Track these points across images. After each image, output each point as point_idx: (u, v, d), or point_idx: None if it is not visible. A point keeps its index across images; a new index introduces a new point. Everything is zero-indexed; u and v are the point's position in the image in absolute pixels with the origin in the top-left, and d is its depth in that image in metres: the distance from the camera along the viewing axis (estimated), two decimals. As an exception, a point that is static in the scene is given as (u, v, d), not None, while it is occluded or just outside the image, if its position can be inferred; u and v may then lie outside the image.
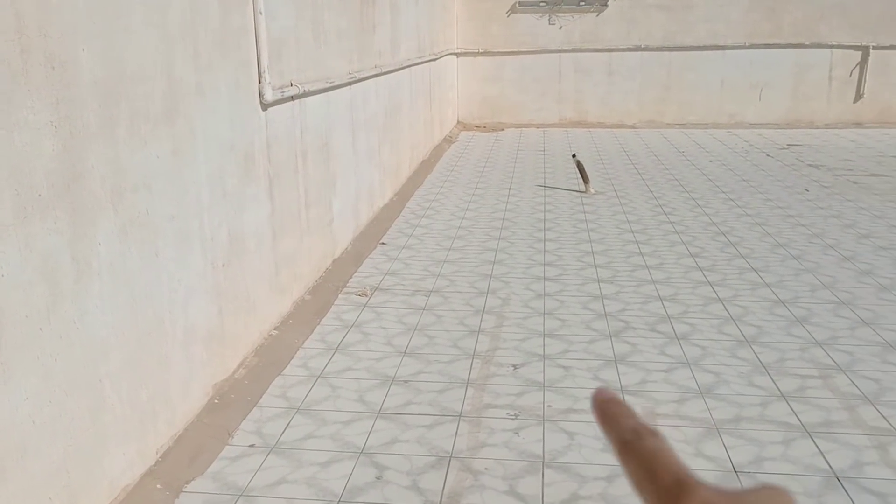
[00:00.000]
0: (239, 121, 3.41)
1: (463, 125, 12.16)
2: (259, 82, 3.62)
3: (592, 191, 7.39)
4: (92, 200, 2.31)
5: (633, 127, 11.90)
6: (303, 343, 3.85)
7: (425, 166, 8.61)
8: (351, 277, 4.88)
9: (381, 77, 6.37)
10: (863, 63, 11.39)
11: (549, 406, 3.22)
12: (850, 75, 11.48)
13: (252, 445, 2.90)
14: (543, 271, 5.02)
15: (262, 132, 3.69)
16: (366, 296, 4.54)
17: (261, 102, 3.65)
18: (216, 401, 3.15)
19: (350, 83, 5.32)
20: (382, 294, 4.60)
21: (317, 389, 3.37)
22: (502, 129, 11.91)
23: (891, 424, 3.05)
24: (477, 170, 8.63)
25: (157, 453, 2.70)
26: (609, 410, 0.41)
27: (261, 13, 3.58)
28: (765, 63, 11.58)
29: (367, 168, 5.94)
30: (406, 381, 3.45)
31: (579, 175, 7.51)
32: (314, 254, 4.56)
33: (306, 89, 4.27)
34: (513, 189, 7.59)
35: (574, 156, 7.65)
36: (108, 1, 2.39)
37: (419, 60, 8.28)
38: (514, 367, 3.60)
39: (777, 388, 3.37)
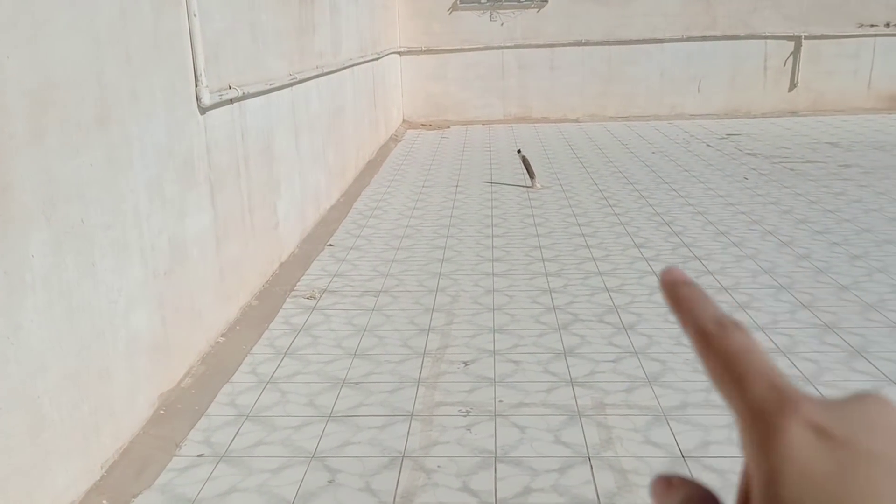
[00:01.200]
0: (176, 126, 3.35)
1: (409, 124, 12.14)
2: (196, 86, 3.56)
3: (539, 186, 7.45)
4: (22, 212, 2.24)
5: (576, 121, 12.04)
6: (251, 349, 3.80)
7: (372, 166, 8.58)
8: (299, 281, 4.83)
9: (323, 78, 6.33)
10: (796, 53, 11.70)
11: (500, 401, 3.24)
12: (784, 65, 11.79)
13: (201, 455, 2.86)
14: (492, 267, 5.05)
15: (202, 136, 3.63)
16: (314, 298, 4.51)
17: (199, 106, 3.59)
18: (162, 411, 3.09)
19: (291, 84, 5.27)
20: (331, 296, 4.57)
21: (266, 395, 3.33)
22: (448, 127, 11.93)
23: (830, 403, 3.14)
24: (424, 168, 8.63)
25: (101, 468, 2.64)
26: (682, 294, 0.35)
27: (195, 15, 3.52)
28: (702, 55, 11.81)
29: (313, 170, 5.89)
30: (357, 383, 3.43)
31: (525, 171, 7.56)
32: (260, 258, 4.51)
33: (245, 92, 4.21)
34: (460, 186, 7.61)
35: (519, 151, 7.70)
36: (32, 8, 2.33)
37: (361, 60, 8.24)
38: (465, 363, 3.61)
39: (721, 373, 3.44)
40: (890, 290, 4.38)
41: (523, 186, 7.50)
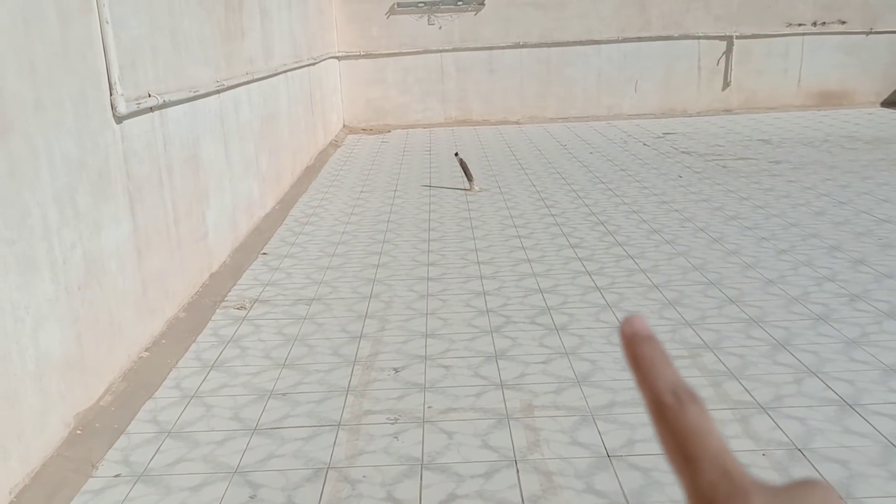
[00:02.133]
0: (89, 136, 3.24)
1: (349, 128, 12.06)
2: (111, 94, 3.46)
3: (477, 188, 7.45)
4: (-89, 230, 2.14)
5: (517, 123, 12.10)
6: (176, 363, 3.71)
7: (310, 172, 8.49)
8: (230, 291, 4.74)
9: (254, 84, 6.23)
10: (728, 52, 11.95)
11: (429, 407, 3.21)
12: (717, 64, 12.03)
13: (117, 475, 2.77)
14: (427, 272, 5.02)
15: (118, 146, 3.53)
16: (244, 309, 4.42)
17: (114, 115, 3.49)
18: (79, 431, 2.98)
19: (218, 91, 5.17)
20: (262, 306, 4.49)
21: (190, 410, 3.24)
22: (389, 131, 11.88)
23: (753, 398, 3.19)
24: (363, 173, 8.57)
25: (10, 493, 2.53)
26: (642, 354, 0.34)
27: (107, 22, 3.42)
28: (637, 56, 11.99)
29: (244, 178, 5.79)
30: (284, 394, 3.37)
31: (463, 173, 7.56)
32: (188, 269, 4.41)
33: (167, 100, 4.11)
34: (398, 191, 7.57)
35: (456, 154, 7.70)
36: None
37: (296, 65, 8.14)
38: (396, 370, 3.58)
39: (649, 370, 3.46)
40: (813, 283, 4.48)
41: (462, 189, 7.50)
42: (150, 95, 3.90)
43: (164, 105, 4.10)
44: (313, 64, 9.33)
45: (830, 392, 3.20)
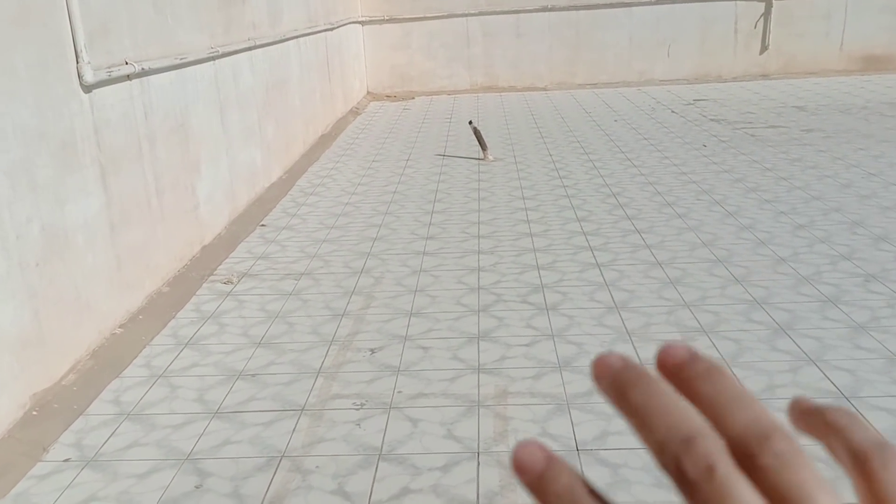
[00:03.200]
0: (50, 106, 3.13)
1: (373, 95, 11.88)
2: (77, 62, 3.34)
3: (491, 158, 7.24)
4: None
5: (544, 89, 11.78)
6: (151, 340, 3.62)
7: (325, 140, 8.35)
8: (220, 264, 4.64)
9: (258, 50, 6.08)
10: (766, 15, 11.43)
11: (399, 392, 3.07)
12: (755, 27, 11.53)
13: (67, 460, 2.69)
14: (424, 246, 4.86)
15: (87, 117, 3.42)
16: (231, 283, 4.32)
17: (81, 84, 3.37)
18: (35, 412, 2.91)
19: (213, 58, 5.03)
20: (250, 280, 4.38)
21: (155, 391, 3.15)
22: (412, 98, 11.66)
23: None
24: (378, 141, 8.40)
25: (-49, 478, 2.47)
26: (636, 400, 0.26)
27: (73, -13, 3.28)
28: (671, 19, 11.54)
29: (245, 148, 5.67)
30: (253, 375, 3.26)
31: (478, 143, 7.34)
32: (174, 242, 4.31)
33: (148, 67, 3.98)
34: (411, 160, 7.39)
35: (470, 122, 7.48)
36: None
37: (310, 31, 7.97)
38: (372, 351, 3.44)
39: (637, 356, 3.27)
40: (828, 262, 4.21)
41: (476, 159, 7.29)
42: (126, 63, 3.77)
43: (145, 73, 3.97)
44: (331, 29, 9.13)
45: (828, 383, 2.97)
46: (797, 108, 9.05)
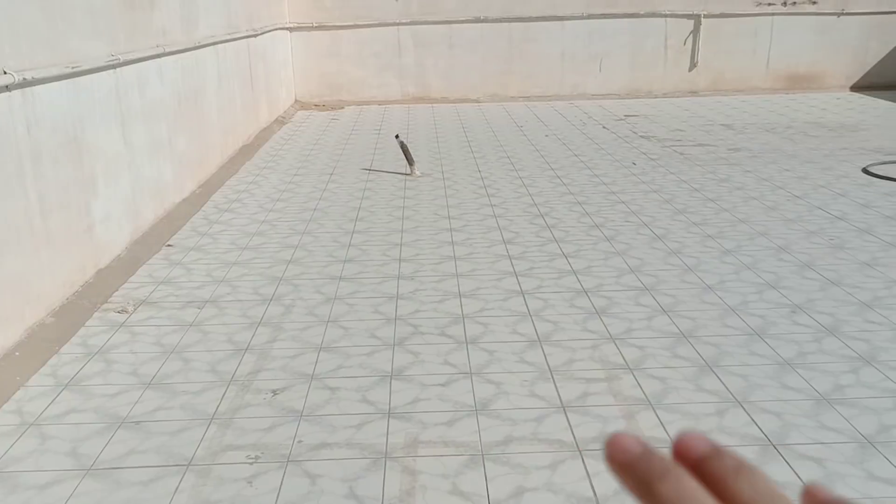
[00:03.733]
0: None
1: (301, 104, 11.53)
2: (-60, 72, 2.97)
3: (418, 173, 7.01)
4: None
5: (476, 101, 11.62)
6: (27, 380, 3.26)
7: (246, 152, 7.99)
8: (117, 290, 4.28)
9: (169, 58, 5.72)
10: (695, 32, 11.52)
11: (299, 442, 2.80)
12: (685, 44, 11.61)
13: None
14: (342, 270, 4.59)
15: (-48, 133, 3.05)
16: (126, 312, 3.97)
17: (-55, 97, 3.00)
18: None
19: (114, 66, 4.67)
20: (148, 308, 4.04)
21: (22, 443, 2.81)
22: (342, 108, 11.36)
23: (665, 431, 2.81)
24: (303, 153, 8.08)
25: None
26: (673, 498, 0.26)
27: (-66, -13, 2.92)
28: (603, 33, 11.52)
29: (151, 161, 5.30)
30: (137, 423, 2.94)
31: (404, 157, 7.11)
32: (62, 267, 3.94)
33: (32, 77, 3.62)
34: (335, 174, 7.11)
35: (397, 136, 7.24)
36: None
37: (230, 38, 7.61)
38: (274, 392, 3.16)
39: (559, 396, 3.08)
40: (753, 291, 4.11)
41: (403, 174, 7.05)
42: (5, 73, 3.41)
43: (27, 83, 3.61)
44: (254, 35, 8.78)
45: (755, 428, 2.82)
46: (725, 126, 9.09)
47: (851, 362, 3.31)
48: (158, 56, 5.48)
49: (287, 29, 11.07)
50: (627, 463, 0.28)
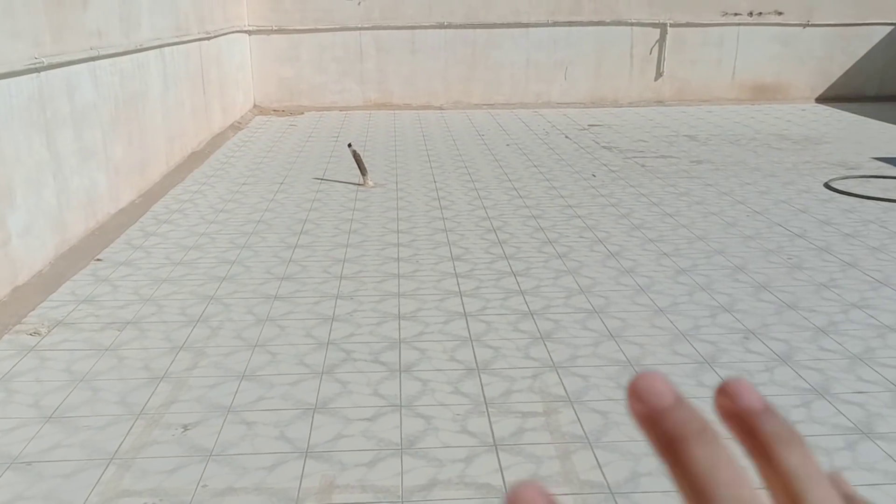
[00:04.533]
0: None
1: (260, 109, 11.24)
2: None
3: (371, 184, 6.78)
4: None
5: (440, 108, 11.42)
6: (-87, 414, 2.98)
7: (195, 159, 7.70)
8: (34, 309, 4.01)
9: (104, 61, 5.44)
10: (661, 41, 11.42)
11: (203, 486, 2.56)
12: (650, 53, 11.50)
13: None
14: (278, 288, 4.35)
15: None
16: (39, 334, 3.70)
17: None
18: None
19: (37, 70, 4.39)
20: (63, 330, 3.76)
21: None
22: (302, 113, 11.10)
23: (603, 476, 2.61)
24: (255, 161, 7.82)
25: None
26: (706, 466, 0.23)
27: None
28: (568, 41, 11.39)
29: (81, 170, 5.02)
30: (29, 463, 2.68)
31: (357, 167, 6.87)
32: (-32, 287, 3.66)
33: (-68, 82, 3.34)
34: (285, 183, 6.85)
35: (350, 145, 7.00)
36: None
37: (179, 40, 7.33)
38: (185, 427, 2.91)
39: (492, 434, 2.86)
40: (707, 314, 3.93)
41: (355, 184, 6.82)
42: None
43: (-74, 88, 3.33)
44: (207, 38, 8.50)
45: (698, 471, 2.63)
46: (689, 137, 8.97)
47: (803, 395, 3.14)
48: (93, 59, 5.20)
49: (246, 32, 10.78)
50: (656, 412, 0.25)
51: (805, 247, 5.01)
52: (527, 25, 11.26)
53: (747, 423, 0.26)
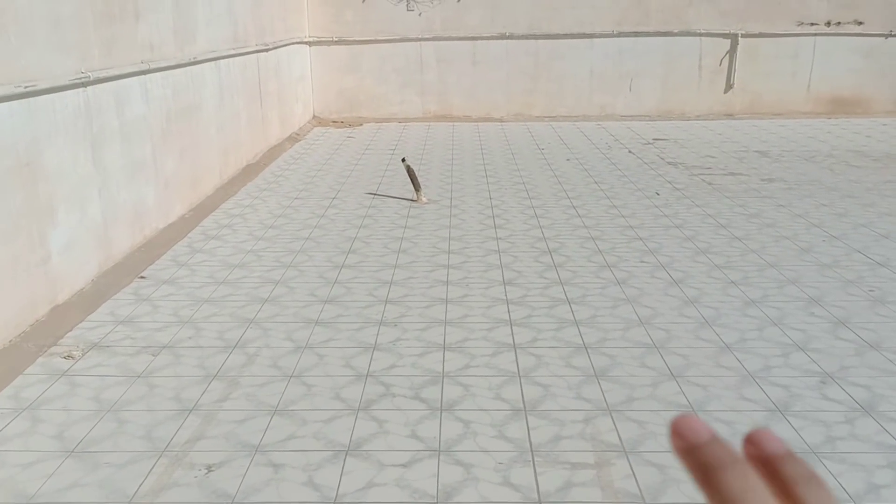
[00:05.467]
0: None
1: (319, 120, 11.20)
2: None
3: (424, 199, 6.59)
4: None
5: (500, 120, 11.19)
6: (-64, 442, 2.89)
7: (250, 171, 7.64)
8: (71, 330, 3.92)
9: (156, 74, 5.38)
10: (732, 52, 10.96)
11: (220, 538, 2.37)
12: (720, 64, 11.05)
13: None
14: (320, 312, 4.17)
15: None
16: (73, 358, 3.60)
17: None
18: None
19: (84, 84, 4.33)
20: (98, 354, 3.66)
21: None
22: (361, 125, 11.01)
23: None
24: (309, 174, 7.72)
25: None
26: (736, 491, 0.28)
27: None
28: (634, 52, 11.03)
29: (129, 185, 4.96)
30: (43, 504, 2.54)
31: (411, 182, 6.69)
32: (3, 307, 3.58)
33: (-30, 98, 3.28)
34: (337, 198, 6.72)
35: (403, 160, 6.83)
36: None
37: (236, 52, 7.29)
38: (209, 468, 2.74)
39: (537, 488, 2.61)
40: (778, 353, 3.59)
41: (409, 200, 6.64)
42: (-67, 94, 3.07)
43: (-36, 105, 3.26)
44: (266, 50, 8.46)
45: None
46: (760, 153, 8.53)
47: (889, 453, 2.79)
48: (143, 73, 5.14)
49: (306, 43, 10.76)
50: (693, 446, 0.29)
51: (888, 277, 4.60)
52: (591, 36, 10.95)
53: (772, 466, 0.29)
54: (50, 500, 2.55)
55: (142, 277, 4.69)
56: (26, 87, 3.70)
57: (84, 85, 4.33)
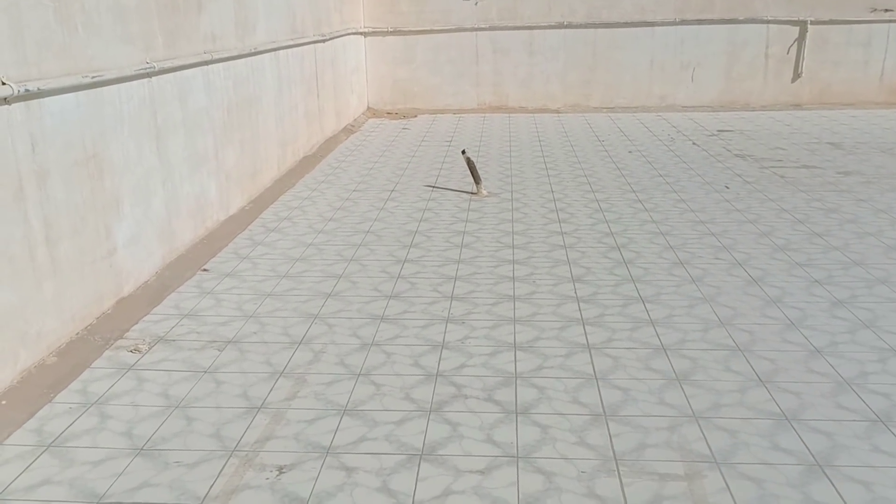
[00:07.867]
0: None
1: (373, 111, 11.13)
2: (-86, 85, 2.59)
3: (485, 193, 6.45)
4: None
5: (556, 111, 10.98)
6: (6, 437, 2.85)
7: (307, 163, 7.59)
8: (137, 323, 3.87)
9: (218, 65, 5.33)
10: (800, 40, 10.57)
11: (295, 546, 2.27)
12: (788, 53, 10.67)
13: None
14: (385, 308, 4.07)
15: (-72, 154, 2.66)
16: (139, 352, 3.55)
17: (-81, 113, 2.62)
18: None
19: (149, 75, 4.28)
20: (163, 348, 3.60)
21: (-25, 525, 2.38)
22: (415, 116, 10.91)
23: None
24: (366, 166, 7.63)
25: None
26: None
27: None
28: (696, 41, 10.71)
29: (192, 177, 4.92)
30: (113, 505, 2.47)
31: (471, 175, 6.55)
32: (70, 300, 3.55)
33: (39, 88, 3.23)
34: (396, 191, 6.61)
35: (464, 152, 6.69)
36: None
37: (294, 43, 7.23)
38: (280, 470, 2.65)
39: (624, 500, 2.45)
40: (874, 358, 3.37)
41: (468, 193, 6.50)
42: (3, 83, 3.02)
43: (33, 95, 3.22)
44: (323, 41, 8.40)
45: (884, 570, 2.14)
46: (832, 145, 8.18)
47: None
48: (205, 63, 5.09)
49: (361, 34, 10.68)
50: None
51: None
52: (652, 24, 10.66)
53: None
54: (120, 501, 2.48)
55: (205, 270, 4.64)
56: (93, 77, 3.66)
57: (149, 75, 4.29)
